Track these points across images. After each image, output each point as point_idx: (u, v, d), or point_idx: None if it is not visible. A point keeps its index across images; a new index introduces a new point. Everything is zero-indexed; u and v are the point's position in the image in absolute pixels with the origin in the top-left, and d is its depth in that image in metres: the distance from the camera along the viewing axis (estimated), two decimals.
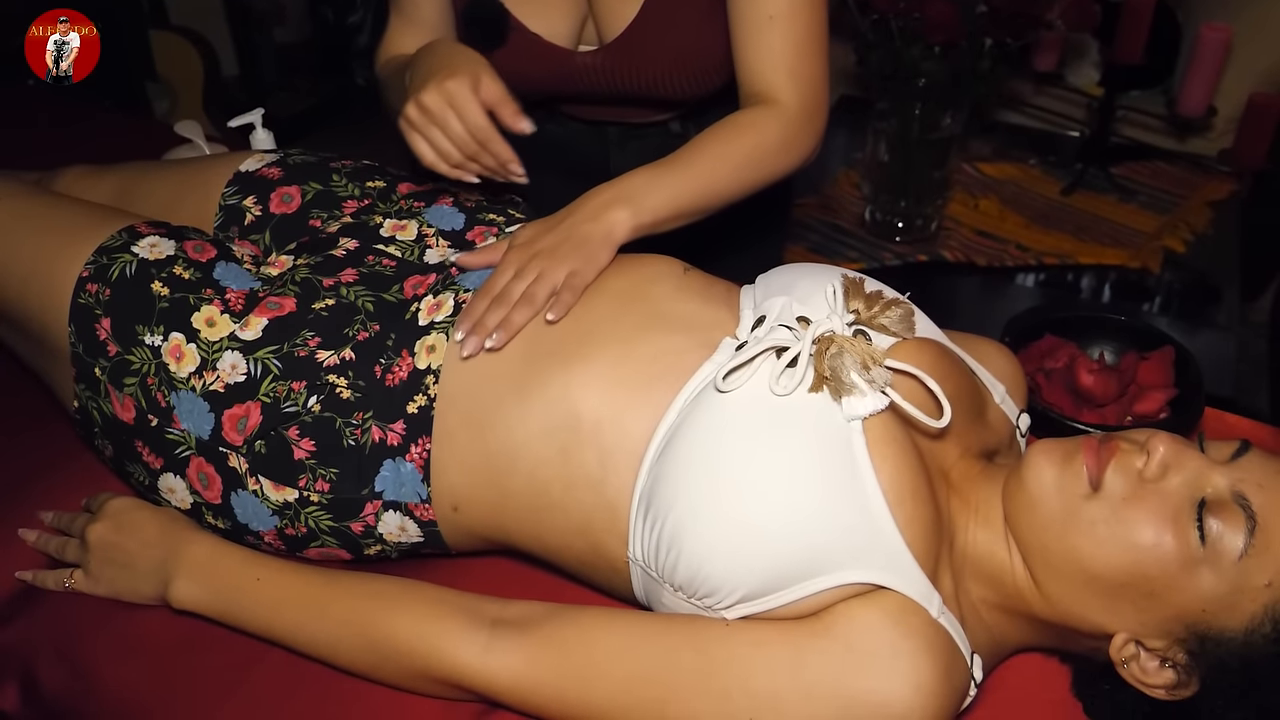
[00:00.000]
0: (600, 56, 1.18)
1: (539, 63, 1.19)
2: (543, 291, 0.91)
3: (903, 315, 0.87)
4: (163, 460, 0.94)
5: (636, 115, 1.31)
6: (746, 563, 0.77)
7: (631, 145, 1.35)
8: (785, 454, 0.78)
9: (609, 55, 1.17)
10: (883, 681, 0.73)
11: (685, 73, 1.18)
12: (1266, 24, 2.48)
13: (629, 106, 1.28)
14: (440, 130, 0.97)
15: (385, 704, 0.87)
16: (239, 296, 0.96)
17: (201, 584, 0.90)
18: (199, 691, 0.89)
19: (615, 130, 1.35)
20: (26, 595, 0.97)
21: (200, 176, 1.15)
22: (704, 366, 0.85)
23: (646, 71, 1.18)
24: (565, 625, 0.82)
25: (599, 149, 1.37)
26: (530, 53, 1.18)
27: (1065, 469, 0.80)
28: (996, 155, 2.66)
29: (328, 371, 0.92)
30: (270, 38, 3.42)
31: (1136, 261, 2.28)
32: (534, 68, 1.19)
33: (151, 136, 1.65)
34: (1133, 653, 0.79)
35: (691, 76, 1.18)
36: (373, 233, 1.05)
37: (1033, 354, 1.22)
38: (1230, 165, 2.47)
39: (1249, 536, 0.74)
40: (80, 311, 0.95)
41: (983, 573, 0.85)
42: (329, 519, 0.92)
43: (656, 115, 1.32)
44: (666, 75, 1.18)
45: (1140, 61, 2.38)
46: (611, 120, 1.33)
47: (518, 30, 1.17)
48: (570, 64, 1.19)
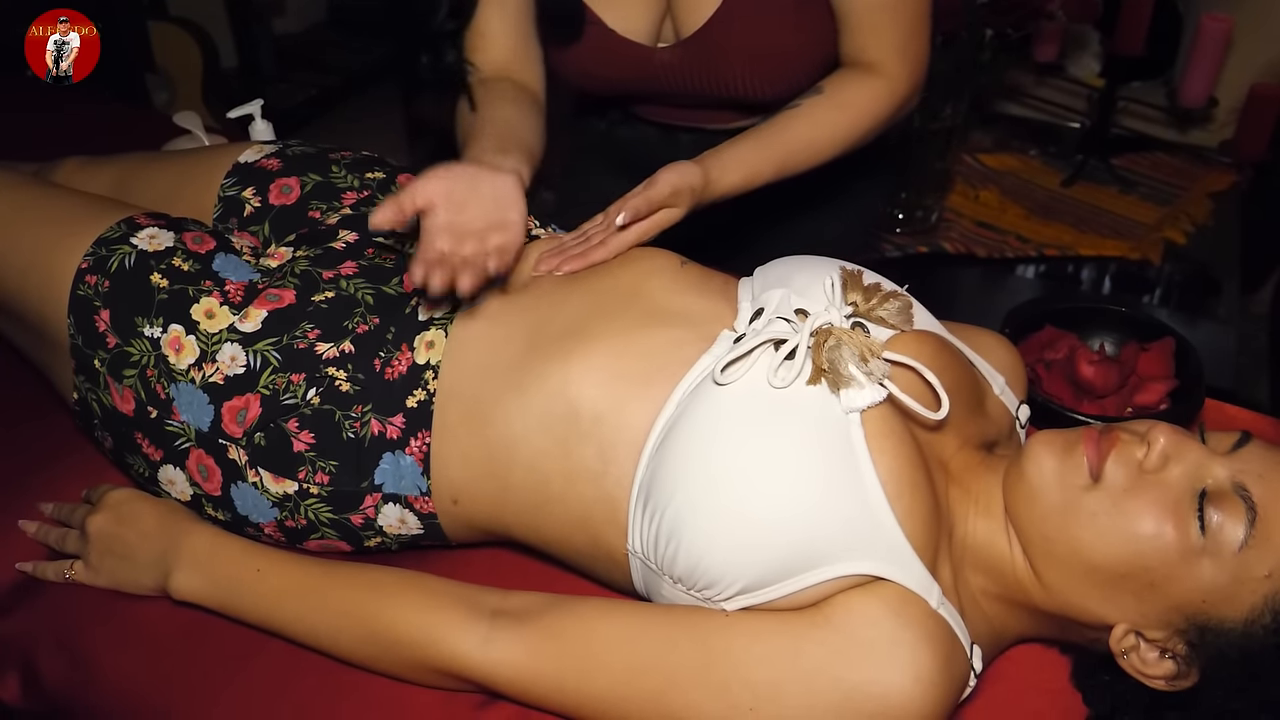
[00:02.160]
0: (677, 53, 1.16)
1: (615, 59, 1.17)
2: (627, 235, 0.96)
3: (901, 307, 0.87)
4: (162, 452, 0.94)
5: (712, 119, 1.29)
6: (746, 554, 0.77)
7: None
8: (784, 446, 0.78)
9: (686, 51, 1.15)
10: (882, 672, 0.73)
11: (763, 73, 1.16)
12: (1267, 15, 2.48)
13: (705, 109, 1.26)
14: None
15: (385, 695, 0.87)
16: (238, 288, 0.96)
17: (201, 575, 0.90)
18: (199, 682, 0.89)
19: (688, 137, 1.32)
20: (27, 586, 0.97)
21: (199, 168, 1.15)
22: (702, 359, 0.85)
23: (724, 69, 1.16)
24: (565, 616, 0.82)
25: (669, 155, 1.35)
26: (606, 48, 1.16)
27: (1065, 460, 0.80)
28: (997, 146, 2.66)
29: (327, 364, 0.92)
30: (269, 29, 3.41)
31: (1137, 253, 2.28)
32: (609, 64, 1.17)
33: (150, 128, 1.64)
34: (1132, 643, 0.80)
35: (770, 77, 1.16)
36: None
37: (1033, 345, 1.21)
38: (1231, 156, 2.47)
39: (1249, 527, 0.74)
40: (79, 303, 0.95)
41: (982, 563, 0.85)
42: (329, 511, 0.92)
43: (731, 120, 1.28)
44: (744, 74, 1.16)
45: (1141, 53, 2.38)
46: (685, 125, 1.31)
47: (594, 25, 1.15)
48: (647, 61, 1.17)
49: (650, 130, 1.34)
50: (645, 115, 1.32)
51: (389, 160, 1.16)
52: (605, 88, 1.23)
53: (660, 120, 1.32)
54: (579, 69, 1.03)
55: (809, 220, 1.35)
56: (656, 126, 1.33)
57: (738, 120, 1.28)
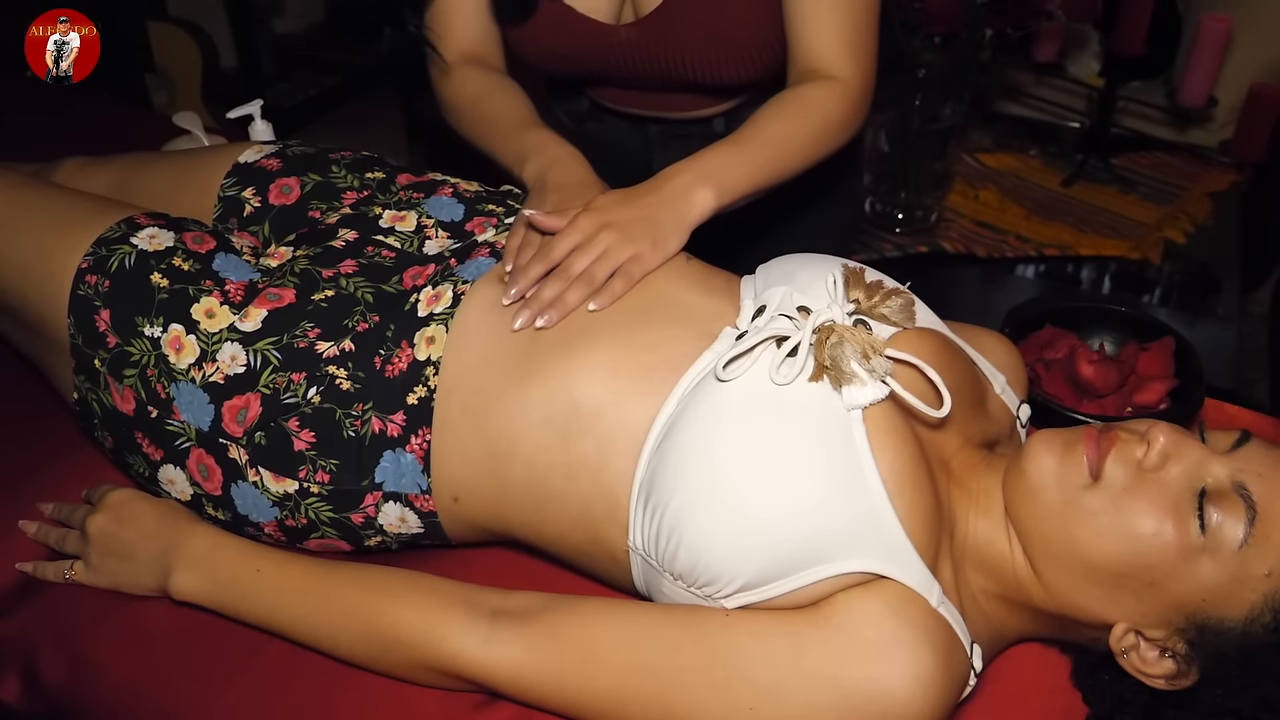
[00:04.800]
0: (636, 30, 1.15)
1: (572, 37, 1.16)
2: (602, 272, 0.89)
3: (903, 305, 0.87)
4: (163, 452, 0.94)
5: (676, 106, 1.29)
6: (746, 551, 0.77)
7: (674, 145, 1.33)
8: (785, 443, 0.78)
9: (645, 29, 1.15)
10: (882, 671, 0.73)
11: (723, 52, 1.15)
12: (1267, 14, 2.47)
13: (667, 93, 1.26)
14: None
15: (385, 694, 0.87)
16: (238, 288, 0.96)
17: (202, 575, 0.90)
18: (199, 682, 0.89)
19: (657, 129, 1.32)
20: (27, 587, 0.97)
21: (199, 168, 1.15)
22: (704, 356, 0.85)
23: (683, 48, 1.15)
24: (566, 616, 0.82)
25: (641, 148, 1.35)
26: (562, 26, 1.15)
27: (1065, 459, 0.80)
28: (997, 146, 2.65)
29: (327, 363, 0.92)
30: (269, 29, 3.41)
31: (1137, 252, 2.28)
32: (567, 42, 1.17)
33: (150, 128, 1.65)
34: (1132, 642, 0.80)
35: (730, 57, 1.16)
36: (372, 224, 1.05)
37: (1033, 345, 1.21)
38: (1231, 156, 2.46)
39: (1249, 526, 0.74)
40: (79, 303, 0.95)
41: (983, 562, 0.85)
42: (329, 510, 0.92)
43: (694, 108, 1.29)
44: (704, 54, 1.15)
45: (1141, 52, 2.37)
46: (652, 115, 1.31)
47: (553, 2, 1.14)
48: (606, 38, 1.16)
49: (619, 123, 1.34)
50: (610, 103, 1.32)
51: (389, 160, 1.16)
52: (565, 67, 1.22)
53: (626, 109, 1.32)
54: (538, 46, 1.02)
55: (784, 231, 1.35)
56: (625, 119, 1.33)
57: (700, 107, 1.28)
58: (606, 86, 1.30)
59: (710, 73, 1.18)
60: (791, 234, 1.33)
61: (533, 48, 1.19)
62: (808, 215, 1.36)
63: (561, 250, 0.91)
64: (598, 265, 0.90)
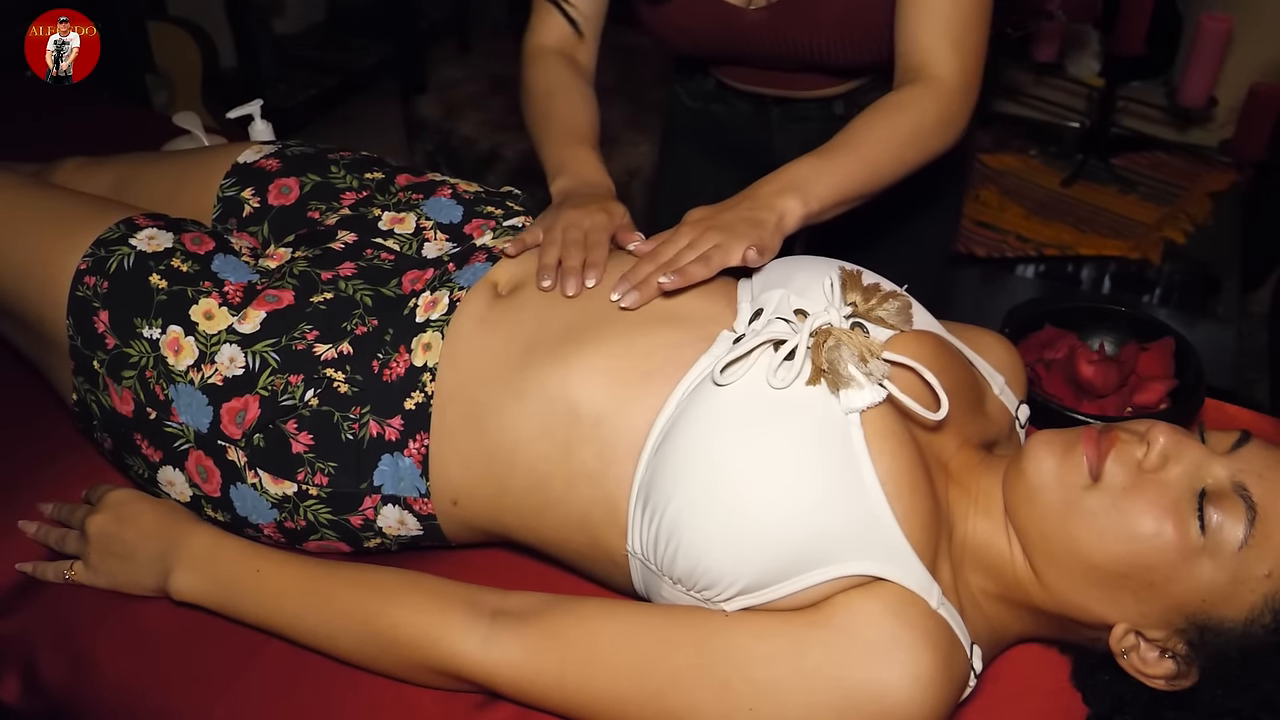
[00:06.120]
0: (769, 13, 1.17)
1: (706, 18, 1.19)
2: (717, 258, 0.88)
3: (900, 308, 0.87)
4: (162, 453, 0.94)
5: (799, 86, 1.30)
6: (745, 555, 0.77)
7: (794, 127, 1.34)
8: (783, 446, 0.78)
9: (777, 12, 1.16)
10: (882, 672, 0.73)
11: (853, 36, 1.16)
12: (1267, 14, 2.48)
13: (793, 73, 1.27)
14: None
15: (385, 695, 0.87)
16: (237, 289, 0.96)
17: (201, 575, 0.90)
18: (199, 682, 0.89)
19: (778, 111, 1.33)
20: (27, 587, 0.97)
21: (198, 168, 1.15)
22: (701, 360, 0.85)
23: (813, 32, 1.16)
24: (565, 616, 0.82)
25: (762, 130, 1.36)
26: (698, 7, 1.18)
27: (1065, 460, 0.80)
28: (997, 146, 2.65)
29: (325, 365, 0.92)
30: (269, 29, 3.41)
31: (1137, 252, 2.28)
32: (701, 23, 1.19)
33: (150, 128, 1.64)
34: (1132, 643, 0.80)
35: (859, 41, 1.16)
36: (371, 225, 1.05)
37: (1032, 345, 1.21)
38: (1231, 156, 2.47)
39: (1249, 527, 0.74)
40: (78, 304, 0.95)
41: (982, 563, 0.85)
42: (328, 512, 0.92)
43: (819, 88, 1.29)
44: (834, 37, 1.16)
45: (1141, 52, 2.38)
46: (774, 95, 1.32)
47: None
48: (738, 20, 1.18)
49: (742, 104, 1.35)
50: (734, 82, 1.34)
51: (389, 160, 1.16)
52: (696, 47, 1.25)
53: (749, 88, 1.33)
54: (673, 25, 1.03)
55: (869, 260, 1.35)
56: (748, 99, 1.34)
57: (823, 86, 1.29)
58: (732, 65, 1.32)
59: (837, 55, 1.19)
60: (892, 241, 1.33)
61: (667, 27, 1.22)
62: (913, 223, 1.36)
63: (669, 253, 0.91)
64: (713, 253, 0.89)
